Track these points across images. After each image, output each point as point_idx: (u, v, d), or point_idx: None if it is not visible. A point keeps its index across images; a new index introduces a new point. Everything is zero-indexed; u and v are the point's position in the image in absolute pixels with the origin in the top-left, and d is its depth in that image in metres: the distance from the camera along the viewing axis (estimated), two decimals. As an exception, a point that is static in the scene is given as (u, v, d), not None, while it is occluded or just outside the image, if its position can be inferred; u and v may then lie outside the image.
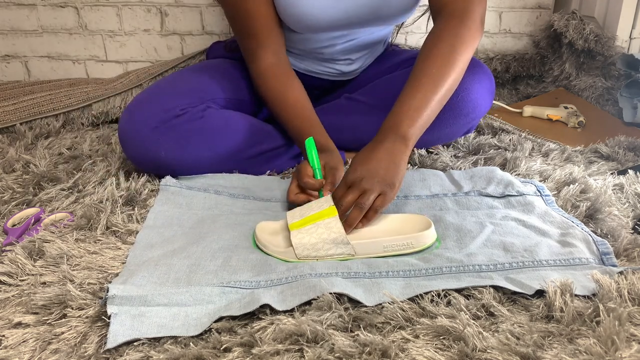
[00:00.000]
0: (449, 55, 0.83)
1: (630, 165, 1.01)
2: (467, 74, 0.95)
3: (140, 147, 0.90)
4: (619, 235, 0.74)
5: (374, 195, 0.73)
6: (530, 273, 0.66)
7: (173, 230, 0.78)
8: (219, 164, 0.94)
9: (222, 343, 0.55)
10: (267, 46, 0.96)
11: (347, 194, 0.74)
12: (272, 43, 0.96)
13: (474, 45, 0.87)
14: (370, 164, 0.75)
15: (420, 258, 0.71)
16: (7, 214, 0.85)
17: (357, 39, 1.06)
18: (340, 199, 0.74)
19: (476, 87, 0.97)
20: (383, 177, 0.74)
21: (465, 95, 0.96)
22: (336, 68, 1.11)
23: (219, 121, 0.94)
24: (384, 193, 0.74)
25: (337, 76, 1.13)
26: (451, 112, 0.98)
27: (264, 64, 0.96)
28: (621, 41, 1.39)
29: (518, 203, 0.84)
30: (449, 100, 0.93)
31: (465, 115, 0.99)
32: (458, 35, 0.85)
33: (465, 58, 0.85)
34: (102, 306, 0.60)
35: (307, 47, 1.05)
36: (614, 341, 0.52)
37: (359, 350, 0.53)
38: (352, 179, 0.75)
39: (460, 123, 1.01)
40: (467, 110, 0.98)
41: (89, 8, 1.50)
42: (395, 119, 0.80)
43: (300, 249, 0.71)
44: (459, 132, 1.05)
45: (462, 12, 0.87)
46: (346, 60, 1.10)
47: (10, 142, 1.18)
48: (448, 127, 1.01)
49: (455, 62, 0.83)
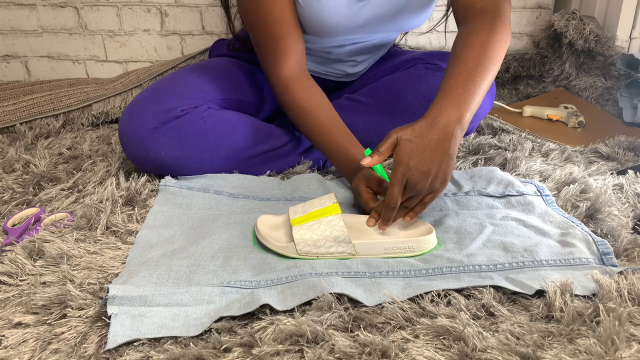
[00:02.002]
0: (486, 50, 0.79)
1: (630, 165, 1.01)
2: None
3: (141, 148, 0.90)
4: (619, 235, 0.74)
5: (425, 193, 0.73)
6: (531, 273, 0.66)
7: (173, 230, 0.78)
8: (219, 164, 0.94)
9: (222, 343, 0.55)
10: (291, 55, 0.92)
11: (403, 197, 0.72)
12: (296, 52, 0.93)
13: (507, 43, 0.83)
14: (424, 158, 0.70)
15: (421, 259, 0.71)
16: (7, 214, 0.85)
17: (368, 41, 1.06)
18: (395, 200, 0.71)
19: None
20: (436, 175, 0.71)
21: None
22: (341, 69, 1.11)
23: (220, 122, 0.94)
24: (435, 191, 0.73)
25: (341, 77, 1.14)
26: None
27: (288, 72, 0.92)
28: (621, 41, 1.39)
29: (518, 203, 0.84)
30: None
31: None
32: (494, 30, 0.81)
33: (500, 56, 0.81)
34: (102, 306, 0.60)
35: (315, 47, 1.05)
36: (614, 341, 0.52)
37: (359, 350, 0.53)
38: (405, 181, 0.71)
39: None
40: None
41: (89, 8, 1.50)
42: (447, 101, 0.74)
43: (301, 245, 0.71)
44: None
45: (493, 11, 0.83)
46: (352, 62, 1.10)
47: (10, 142, 1.18)
48: None
49: (493, 57, 0.79)
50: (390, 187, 0.72)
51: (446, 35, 1.56)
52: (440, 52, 1.09)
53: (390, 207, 0.72)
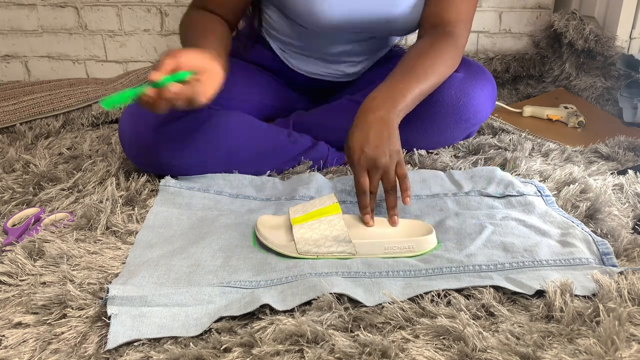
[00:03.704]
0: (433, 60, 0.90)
1: (630, 165, 1.01)
2: (470, 80, 0.96)
3: (141, 148, 0.90)
4: (619, 235, 0.74)
5: (392, 169, 0.76)
6: (531, 273, 0.66)
7: (173, 230, 0.79)
8: (219, 163, 0.94)
9: (222, 343, 0.55)
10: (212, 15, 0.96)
11: (371, 179, 0.76)
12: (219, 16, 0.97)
13: (452, 69, 0.94)
14: (372, 139, 0.77)
15: (420, 259, 0.71)
16: (7, 214, 0.85)
17: (365, 41, 1.06)
18: (367, 186, 0.76)
19: (478, 93, 0.97)
20: (390, 147, 0.77)
21: (467, 100, 0.97)
22: (340, 69, 1.11)
23: (220, 121, 0.94)
24: (399, 162, 0.77)
25: (339, 77, 1.14)
26: (452, 117, 0.98)
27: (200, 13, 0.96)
28: (621, 41, 1.39)
29: (518, 203, 0.84)
30: (450, 105, 0.96)
31: (466, 121, 1.00)
32: (444, 49, 0.91)
33: (442, 75, 0.91)
34: (102, 306, 0.60)
35: (313, 46, 1.05)
36: (614, 341, 0.52)
37: (359, 350, 0.53)
38: (365, 163, 0.76)
39: (461, 128, 1.02)
40: (468, 116, 0.99)
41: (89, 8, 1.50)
42: (382, 94, 0.83)
43: (301, 244, 0.71)
44: (459, 136, 1.05)
45: (453, 37, 0.93)
46: (350, 62, 1.10)
47: (10, 142, 1.18)
48: (448, 132, 1.02)
49: (437, 71, 0.89)
50: (355, 176, 0.77)
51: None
52: None
53: (362, 193, 0.76)
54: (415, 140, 1.03)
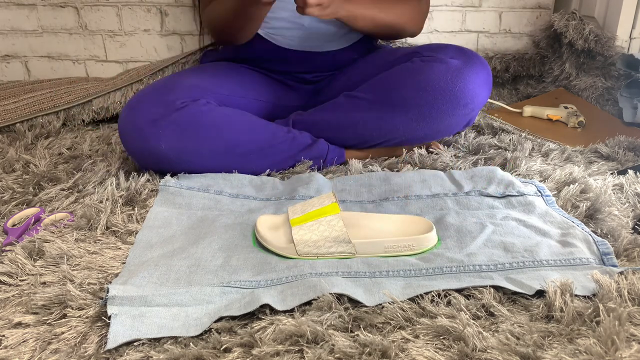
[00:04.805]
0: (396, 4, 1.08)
1: (630, 165, 1.01)
2: (464, 66, 0.98)
3: (141, 140, 0.91)
4: (619, 235, 0.74)
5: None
6: (531, 273, 0.66)
7: (173, 230, 0.79)
8: (217, 157, 0.95)
9: (222, 343, 0.55)
10: None
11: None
12: None
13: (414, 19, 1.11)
14: None
15: (421, 258, 0.71)
16: (7, 214, 0.85)
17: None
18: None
19: (473, 77, 0.99)
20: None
21: (463, 85, 0.97)
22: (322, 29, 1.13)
23: (219, 115, 0.95)
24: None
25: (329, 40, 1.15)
26: (450, 104, 0.99)
27: None
28: (621, 41, 1.39)
29: (519, 203, 0.84)
30: (447, 90, 0.98)
31: (464, 106, 1.00)
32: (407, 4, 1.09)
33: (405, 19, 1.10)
34: (102, 306, 0.60)
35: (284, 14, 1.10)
36: (614, 341, 0.52)
37: (359, 350, 0.53)
38: None
39: (460, 114, 1.01)
40: (466, 101, 0.99)
41: (89, 8, 1.50)
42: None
43: (301, 246, 0.71)
44: (459, 123, 1.05)
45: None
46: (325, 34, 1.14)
47: (10, 142, 1.18)
48: (448, 119, 1.01)
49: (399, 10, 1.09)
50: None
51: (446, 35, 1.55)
52: (436, 44, 1.09)
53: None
54: (416, 130, 1.03)
